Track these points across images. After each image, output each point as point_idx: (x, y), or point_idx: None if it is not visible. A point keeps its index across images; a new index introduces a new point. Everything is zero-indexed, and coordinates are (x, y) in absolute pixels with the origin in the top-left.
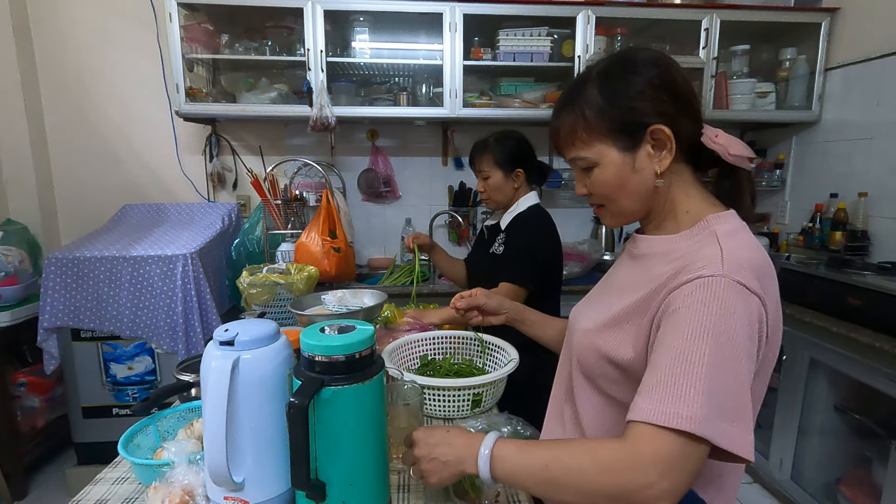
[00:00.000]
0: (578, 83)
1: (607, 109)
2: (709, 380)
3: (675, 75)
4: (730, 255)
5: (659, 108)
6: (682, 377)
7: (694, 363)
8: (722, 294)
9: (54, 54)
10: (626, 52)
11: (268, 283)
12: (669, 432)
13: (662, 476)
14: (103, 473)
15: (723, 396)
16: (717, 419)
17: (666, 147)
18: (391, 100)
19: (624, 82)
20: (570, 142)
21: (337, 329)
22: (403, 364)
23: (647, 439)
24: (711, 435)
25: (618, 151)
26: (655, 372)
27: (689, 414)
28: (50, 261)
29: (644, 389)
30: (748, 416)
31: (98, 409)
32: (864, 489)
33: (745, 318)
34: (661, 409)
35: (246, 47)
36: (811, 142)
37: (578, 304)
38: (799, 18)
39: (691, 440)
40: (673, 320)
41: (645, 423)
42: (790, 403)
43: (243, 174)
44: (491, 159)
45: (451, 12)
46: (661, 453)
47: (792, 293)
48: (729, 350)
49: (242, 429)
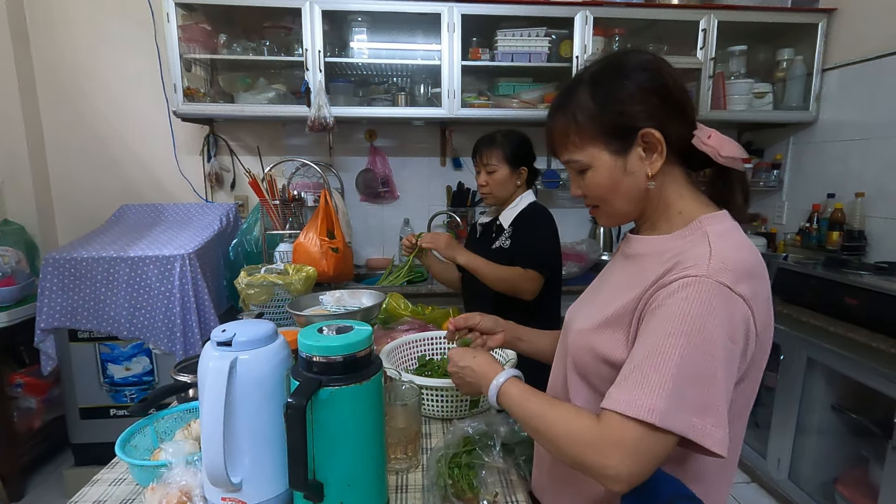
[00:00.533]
0: (571, 87)
1: (598, 114)
2: (678, 374)
3: (665, 79)
4: (718, 255)
5: (649, 111)
6: (651, 370)
7: (665, 358)
8: (703, 294)
9: (51, 54)
10: (617, 55)
11: (266, 284)
12: (633, 422)
13: (621, 461)
14: (100, 474)
15: (693, 391)
16: (684, 412)
17: (657, 150)
18: (389, 100)
19: (614, 87)
20: (563, 145)
21: (335, 329)
22: (401, 364)
23: (614, 426)
24: (676, 427)
25: (609, 154)
26: (630, 363)
27: (651, 405)
28: (47, 261)
29: (619, 380)
30: (721, 412)
31: (95, 409)
32: (861, 488)
33: (725, 318)
34: (627, 399)
35: (244, 47)
36: (808, 142)
37: (574, 303)
38: (796, 19)
39: (653, 431)
40: (654, 316)
41: (613, 412)
42: (788, 403)
43: (241, 174)
44: (500, 154)
45: (450, 12)
46: (623, 441)
47: (789, 293)
48: (703, 348)
49: (240, 429)
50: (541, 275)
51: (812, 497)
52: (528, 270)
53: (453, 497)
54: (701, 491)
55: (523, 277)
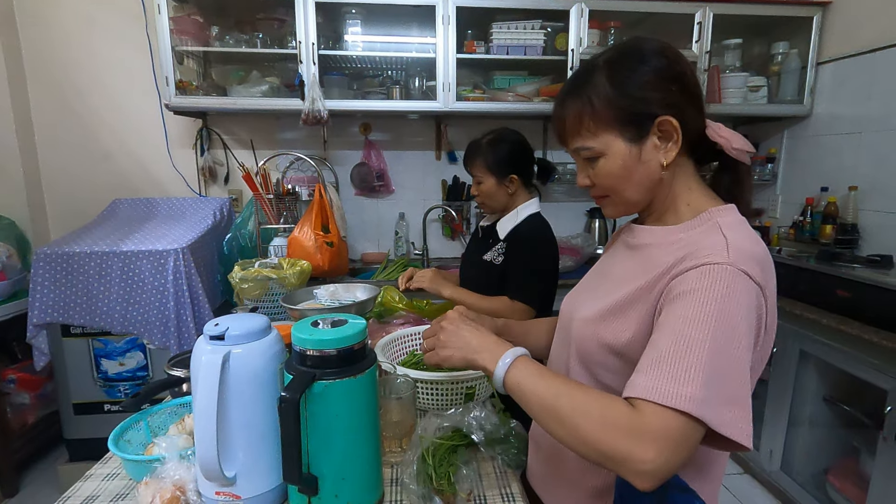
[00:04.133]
0: (585, 72)
1: (616, 99)
2: (708, 363)
3: (683, 67)
4: (734, 244)
5: (667, 99)
6: (682, 358)
7: (695, 346)
8: (727, 281)
9: (41, 47)
10: (633, 41)
11: (260, 278)
12: (672, 411)
13: (659, 453)
14: (94, 469)
15: (722, 381)
16: (717, 403)
17: (672, 139)
18: (384, 93)
19: (633, 72)
20: (575, 131)
21: (329, 323)
22: (397, 358)
23: (655, 416)
24: (709, 418)
25: (624, 142)
26: (655, 351)
27: (689, 394)
28: (39, 256)
29: (643, 367)
30: (747, 403)
31: (89, 405)
32: (852, 479)
33: (746, 307)
34: (662, 388)
35: (237, 40)
36: (802, 136)
37: (571, 293)
38: (791, 12)
39: (691, 421)
40: (676, 304)
41: (646, 401)
42: (780, 395)
43: (235, 168)
44: (482, 164)
45: (444, 5)
46: (663, 431)
47: (782, 286)
48: (730, 337)
49: (233, 423)
50: (530, 307)
51: (804, 488)
52: (516, 303)
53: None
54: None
55: (512, 309)
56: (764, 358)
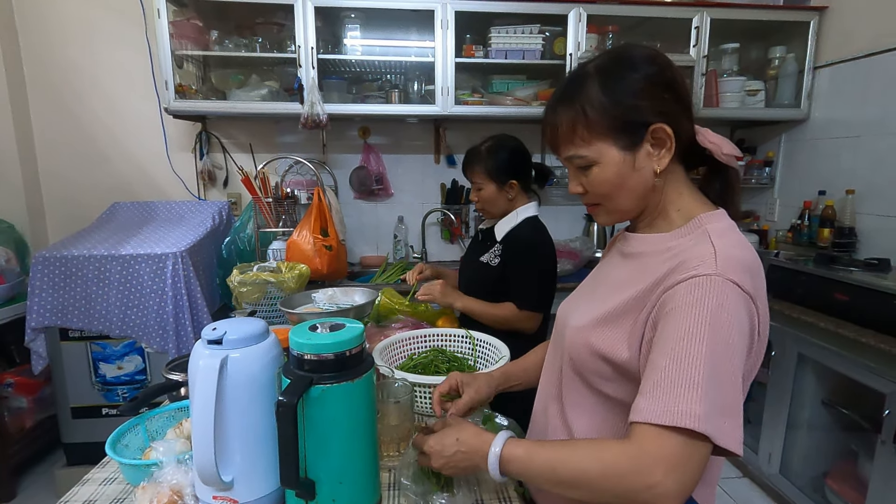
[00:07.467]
0: (576, 80)
1: (610, 108)
2: (705, 378)
3: (674, 73)
4: (723, 253)
5: (660, 106)
6: (680, 376)
7: (691, 362)
8: (716, 293)
9: (41, 51)
10: (622, 48)
11: (258, 282)
12: (672, 431)
13: (667, 475)
14: (91, 474)
15: (718, 393)
16: (714, 416)
17: (665, 146)
18: (383, 97)
19: (626, 80)
20: (568, 140)
21: (328, 327)
22: (395, 362)
23: (651, 439)
24: (711, 431)
25: (618, 150)
26: (654, 373)
27: (688, 411)
28: (37, 259)
29: (644, 390)
30: (739, 411)
31: (87, 409)
32: (850, 482)
33: (737, 316)
34: (661, 409)
35: (236, 44)
36: (800, 139)
37: (566, 301)
38: (788, 17)
39: (693, 438)
40: (669, 320)
41: (647, 424)
42: (779, 398)
43: (234, 172)
44: (482, 171)
45: (443, 9)
46: (665, 452)
47: (780, 289)
48: (723, 348)
49: (231, 428)
50: (538, 313)
51: (803, 491)
52: (524, 311)
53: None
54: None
55: (519, 318)
56: (758, 363)
